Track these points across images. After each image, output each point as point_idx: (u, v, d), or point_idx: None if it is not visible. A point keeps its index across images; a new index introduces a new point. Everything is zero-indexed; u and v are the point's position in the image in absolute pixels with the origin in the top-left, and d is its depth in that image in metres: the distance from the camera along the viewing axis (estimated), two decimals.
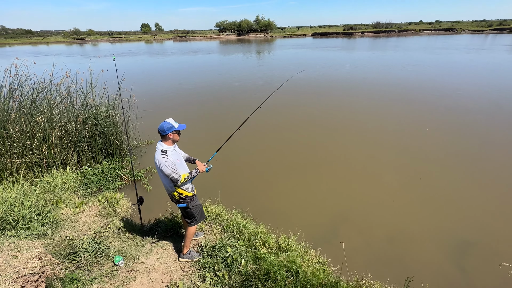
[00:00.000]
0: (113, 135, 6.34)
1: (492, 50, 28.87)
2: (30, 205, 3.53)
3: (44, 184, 4.34)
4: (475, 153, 6.29)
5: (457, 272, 3.28)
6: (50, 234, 3.23)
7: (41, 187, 4.21)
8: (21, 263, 1.93)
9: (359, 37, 66.13)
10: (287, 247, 3.19)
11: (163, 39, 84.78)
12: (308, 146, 7.01)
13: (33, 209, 3.48)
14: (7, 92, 5.77)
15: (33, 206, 3.57)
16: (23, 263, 1.93)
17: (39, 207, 3.57)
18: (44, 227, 3.33)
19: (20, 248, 2.11)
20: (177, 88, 14.34)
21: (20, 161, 5.06)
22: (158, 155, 2.60)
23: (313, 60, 24.94)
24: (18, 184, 4.00)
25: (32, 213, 3.42)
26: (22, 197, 3.66)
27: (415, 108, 9.64)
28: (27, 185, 4.10)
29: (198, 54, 34.05)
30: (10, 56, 31.70)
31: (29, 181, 4.50)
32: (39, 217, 3.43)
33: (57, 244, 3.10)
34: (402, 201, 4.68)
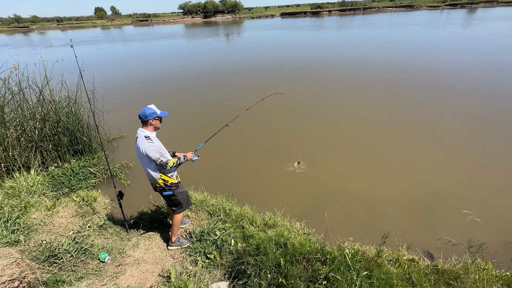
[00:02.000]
0: (79, 131, 5.89)
1: (459, 24, 30.84)
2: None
3: (7, 190, 3.96)
4: (434, 123, 6.88)
5: (425, 227, 3.70)
6: (23, 240, 3.02)
7: (4, 193, 3.85)
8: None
9: (326, 16, 66.54)
10: (273, 223, 3.32)
11: (122, 24, 77.98)
12: (284, 127, 7.14)
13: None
14: None
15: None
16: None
17: (5, 214, 3.28)
18: (15, 234, 3.09)
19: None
20: (145, 77, 13.51)
21: None
22: (142, 141, 2.49)
23: (294, 42, 24.76)
24: None
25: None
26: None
27: (397, 87, 10.15)
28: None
29: (163, 40, 32.02)
30: None
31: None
32: (7, 224, 3.17)
33: (33, 249, 2.92)
34: (375, 171, 5.05)
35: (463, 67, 11.49)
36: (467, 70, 11.03)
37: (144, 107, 2.57)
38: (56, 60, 6.34)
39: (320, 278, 2.28)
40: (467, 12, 51.96)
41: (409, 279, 2.46)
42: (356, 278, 2.25)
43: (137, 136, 2.58)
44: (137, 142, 2.54)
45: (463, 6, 66.98)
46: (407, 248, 3.01)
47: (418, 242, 3.24)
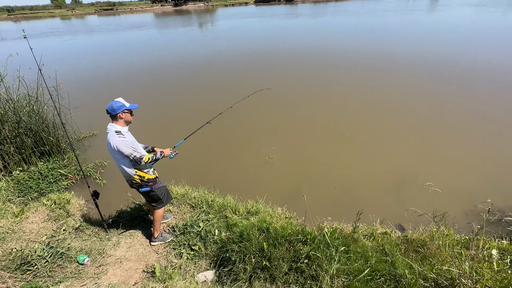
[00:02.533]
0: (45, 131, 5.48)
1: (424, 11, 32.17)
2: None
3: None
4: (397, 106, 7.29)
5: (396, 201, 3.98)
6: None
7: None
8: None
9: (300, 4, 66.38)
10: (256, 210, 3.39)
11: (84, 14, 72.08)
12: (261, 114, 7.18)
13: None
14: None
15: None
16: None
17: None
18: None
19: None
20: (114, 71, 12.74)
21: None
22: (112, 136, 2.39)
23: (271, 31, 24.44)
24: None
25: None
26: None
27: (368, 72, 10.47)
28: None
29: (133, 30, 30.15)
30: None
31: None
32: None
33: (1, 259, 2.73)
34: (349, 155, 5.29)
35: (421, 53, 12.14)
36: (419, 55, 11.68)
37: (111, 102, 2.46)
38: (10, 54, 5.77)
39: (301, 257, 2.40)
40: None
41: (383, 250, 2.66)
42: (335, 254, 2.39)
43: (107, 131, 2.47)
44: (108, 137, 2.44)
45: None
46: (380, 222, 3.23)
47: (390, 217, 3.49)
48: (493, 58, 10.47)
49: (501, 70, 9.13)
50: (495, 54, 10.93)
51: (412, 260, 2.46)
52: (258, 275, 2.38)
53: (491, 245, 2.54)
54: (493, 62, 9.96)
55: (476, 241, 2.63)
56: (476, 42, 13.70)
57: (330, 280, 2.24)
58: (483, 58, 10.51)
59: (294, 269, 2.38)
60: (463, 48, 12.42)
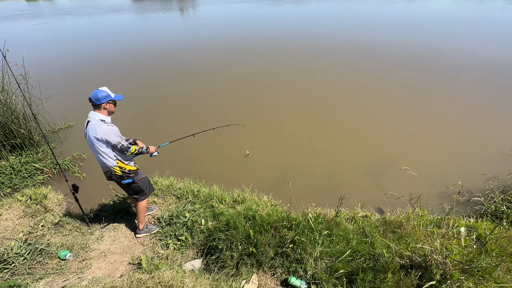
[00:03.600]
0: (14, 123, 5.13)
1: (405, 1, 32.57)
2: None
3: None
4: (373, 93, 7.51)
5: (375, 186, 4.18)
6: None
7: None
8: None
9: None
10: (242, 199, 3.43)
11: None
12: (246, 101, 7.14)
13: None
14: None
15: None
16: None
17: None
18: None
19: None
20: (90, 58, 11.98)
21: None
22: (98, 124, 2.28)
23: (254, 17, 23.79)
24: None
25: None
26: None
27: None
28: None
29: (105, 14, 28.25)
30: None
31: None
32: None
33: None
34: (330, 143, 5.43)
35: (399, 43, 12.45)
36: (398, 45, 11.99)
37: (96, 89, 2.33)
38: None
39: (287, 242, 2.48)
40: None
41: (363, 232, 2.80)
42: (318, 238, 2.49)
43: (89, 120, 2.34)
44: (89, 126, 2.31)
45: None
46: (361, 206, 3.39)
47: (370, 201, 3.67)
48: (471, 47, 10.94)
49: (477, 59, 9.59)
50: (472, 44, 11.42)
51: (390, 240, 2.62)
52: (245, 261, 2.43)
53: (459, 223, 2.75)
54: (470, 51, 10.42)
55: (447, 220, 2.83)
56: (456, 32, 14.19)
57: (314, 263, 2.35)
58: (460, 48, 10.95)
59: (280, 253, 2.46)
60: (442, 38, 12.85)
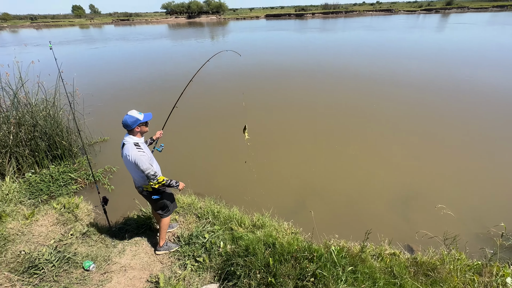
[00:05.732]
0: (58, 135, 5.65)
1: (434, 28, 32.44)
2: None
3: None
4: (408, 119, 7.25)
5: (404, 221, 3.89)
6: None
7: None
8: None
9: (310, 18, 67.76)
10: (262, 224, 3.37)
11: (101, 23, 75.31)
12: (267, 127, 7.23)
13: None
14: None
15: None
16: None
17: None
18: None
19: None
20: (127, 79, 13.14)
21: None
22: (131, 148, 2.42)
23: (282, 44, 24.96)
24: None
25: None
26: None
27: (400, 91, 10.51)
28: None
29: (145, 41, 31.25)
30: None
31: None
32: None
33: (10, 261, 2.78)
34: (355, 168, 5.24)
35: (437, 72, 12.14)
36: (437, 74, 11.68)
37: (125, 115, 2.47)
38: (31, 61, 6.08)
39: (307, 275, 2.35)
40: (441, 16, 54.88)
41: (391, 272, 2.59)
42: (341, 274, 2.34)
43: (124, 142, 2.50)
44: (124, 149, 2.47)
45: (437, 11, 70.72)
46: (389, 242, 3.16)
47: (398, 237, 3.41)
48: (503, 79, 10.38)
49: (509, 89, 9.03)
50: (504, 74, 10.85)
51: (422, 284, 2.39)
52: None
53: (505, 272, 2.44)
54: (503, 83, 9.87)
55: (490, 268, 2.53)
56: (490, 61, 13.63)
57: None
58: (495, 79, 10.43)
59: (300, 287, 2.33)
60: (477, 67, 12.37)
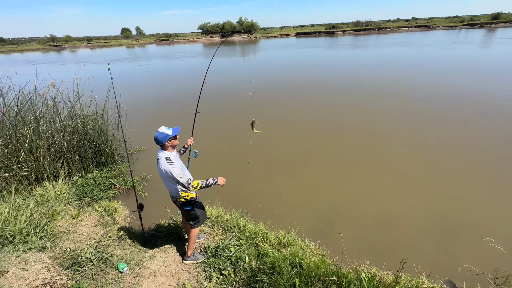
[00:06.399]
0: (103, 143, 6.25)
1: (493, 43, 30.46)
2: (25, 219, 3.46)
3: (37, 198, 4.24)
4: (451, 140, 6.70)
5: (445, 252, 3.54)
6: (49, 247, 3.19)
7: (35, 201, 4.12)
8: (31, 275, 1.93)
9: (341, 36, 67.63)
10: (287, 242, 3.32)
11: (145, 43, 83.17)
12: (302, 144, 7.20)
13: (29, 223, 3.42)
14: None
15: (29, 220, 3.50)
16: (33, 275, 1.93)
17: (35, 221, 3.51)
18: (42, 240, 3.28)
19: (28, 261, 2.10)
20: (164, 93, 14.21)
21: (7, 176, 4.91)
22: (163, 163, 2.61)
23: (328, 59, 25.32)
24: (10, 199, 3.90)
25: (29, 227, 3.36)
26: (16, 212, 3.58)
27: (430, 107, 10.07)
28: (20, 198, 4.00)
29: (182, 58, 33.71)
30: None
31: (22, 195, 4.38)
32: (36, 230, 3.37)
33: (58, 256, 3.08)
34: (388, 190, 4.94)
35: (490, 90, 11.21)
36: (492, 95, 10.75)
37: (156, 132, 2.63)
38: (87, 78, 6.92)
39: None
40: (487, 31, 51.14)
41: None
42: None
43: (158, 157, 2.69)
44: (159, 164, 2.67)
45: (482, 26, 66.04)
46: (427, 275, 2.89)
47: (438, 270, 3.10)
48: None
49: None
50: None
51: None
52: None
53: None
54: None
55: None
56: None
57: None
58: None
59: None
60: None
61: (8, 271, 1.94)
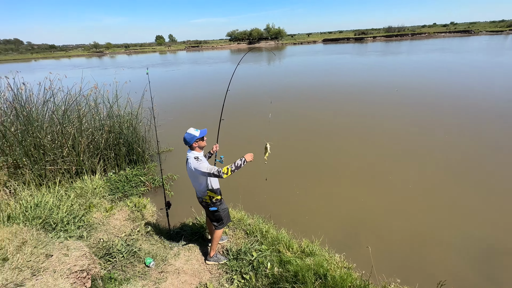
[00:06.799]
0: (136, 143, 6.63)
1: None
2: (66, 209, 3.77)
3: (77, 190, 4.61)
4: (497, 159, 6.08)
5: (487, 278, 3.19)
6: (85, 236, 3.44)
7: (75, 193, 4.48)
8: (71, 260, 2.10)
9: (370, 42, 65.40)
10: (311, 251, 3.22)
11: (176, 50, 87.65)
12: (327, 152, 7.03)
13: (69, 213, 3.72)
14: (42, 104, 6.25)
15: (69, 210, 3.81)
16: (73, 261, 2.10)
17: (74, 211, 3.81)
18: (80, 229, 3.55)
19: (69, 247, 2.29)
20: (193, 97, 14.79)
21: (53, 168, 5.41)
22: (192, 162, 2.70)
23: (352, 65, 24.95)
24: (54, 190, 4.28)
25: (69, 216, 3.65)
26: (59, 202, 3.92)
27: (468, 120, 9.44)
28: (62, 190, 4.38)
29: (211, 64, 34.91)
30: (36, 70, 33.85)
31: (64, 187, 4.79)
32: (74, 220, 3.66)
33: (92, 245, 3.30)
34: (421, 205, 4.60)
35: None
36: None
37: (185, 133, 2.74)
38: (125, 81, 7.45)
39: None
40: None
41: None
42: None
43: (187, 158, 2.79)
44: (188, 163, 2.76)
45: None
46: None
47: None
48: None
49: None
50: None
51: None
52: None
53: None
54: None
55: None
56: None
57: None
58: None
59: None
60: None
61: (52, 255, 2.13)
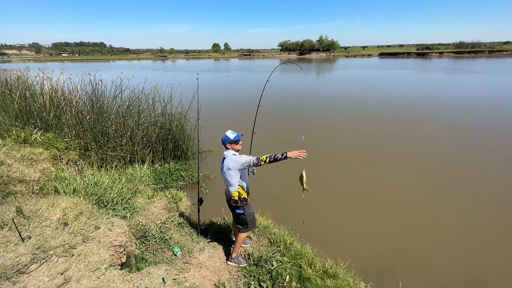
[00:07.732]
0: (181, 140, 7.23)
1: None
2: (117, 191, 4.32)
3: (128, 176, 5.24)
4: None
5: None
6: (128, 217, 3.88)
7: (126, 178, 5.10)
8: (113, 235, 2.43)
9: (436, 58, 59.09)
10: (334, 273, 3.06)
11: (229, 57, 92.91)
12: (368, 172, 6.60)
13: (119, 194, 4.25)
14: (112, 98, 7.33)
15: (119, 192, 4.35)
16: (115, 236, 2.43)
17: (123, 194, 4.33)
18: (125, 210, 4.01)
19: (113, 224, 2.65)
20: (238, 102, 15.45)
21: (112, 154, 6.27)
22: (230, 157, 2.85)
23: None
24: (110, 173, 4.94)
25: (118, 197, 4.17)
26: (112, 184, 4.51)
27: None
28: (117, 174, 5.03)
29: (266, 72, 35.98)
30: (112, 69, 39.63)
31: (118, 172, 5.49)
32: (122, 202, 4.16)
33: (132, 226, 3.70)
34: (473, 243, 3.94)
35: None
36: None
37: (224, 134, 2.95)
38: (180, 84, 8.23)
39: None
40: None
41: None
42: None
43: (224, 156, 2.95)
44: (225, 161, 2.92)
45: None
46: None
47: None
48: None
49: None
50: None
51: None
52: None
53: None
54: None
55: None
56: None
57: None
58: None
59: None
60: None
61: (100, 227, 2.49)
